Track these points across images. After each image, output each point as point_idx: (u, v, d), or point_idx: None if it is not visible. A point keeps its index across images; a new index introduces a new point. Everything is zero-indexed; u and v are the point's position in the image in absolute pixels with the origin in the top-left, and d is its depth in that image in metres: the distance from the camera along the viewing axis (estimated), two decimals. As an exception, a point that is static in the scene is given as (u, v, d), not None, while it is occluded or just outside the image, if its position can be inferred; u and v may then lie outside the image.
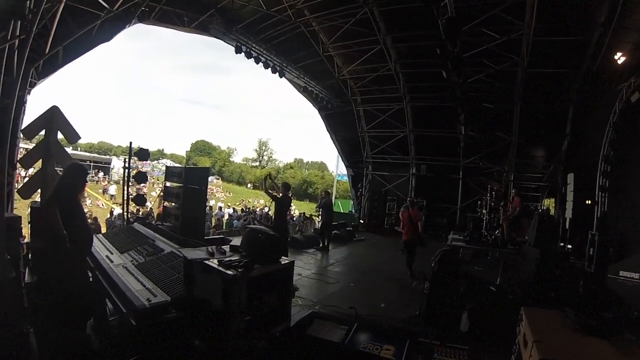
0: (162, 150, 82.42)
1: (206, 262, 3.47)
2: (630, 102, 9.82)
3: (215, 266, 3.38)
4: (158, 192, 28.32)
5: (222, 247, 4.05)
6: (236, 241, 4.27)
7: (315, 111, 19.54)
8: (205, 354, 3.34)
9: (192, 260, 3.59)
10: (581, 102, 13.33)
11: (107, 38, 9.29)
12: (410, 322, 5.49)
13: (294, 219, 23.45)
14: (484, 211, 11.04)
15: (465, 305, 5.37)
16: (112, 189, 30.78)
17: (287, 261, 3.92)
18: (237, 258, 3.60)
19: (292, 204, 8.75)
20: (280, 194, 8.60)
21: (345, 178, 27.96)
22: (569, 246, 11.10)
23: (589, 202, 11.72)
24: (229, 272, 3.26)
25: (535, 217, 7.16)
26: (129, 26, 9.68)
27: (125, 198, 7.95)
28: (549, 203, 16.55)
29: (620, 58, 9.91)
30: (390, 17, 12.66)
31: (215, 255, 3.75)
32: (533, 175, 16.24)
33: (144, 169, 8.72)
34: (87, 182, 4.17)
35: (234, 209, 25.86)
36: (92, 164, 41.27)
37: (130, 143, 7.87)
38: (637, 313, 4.30)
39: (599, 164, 11.38)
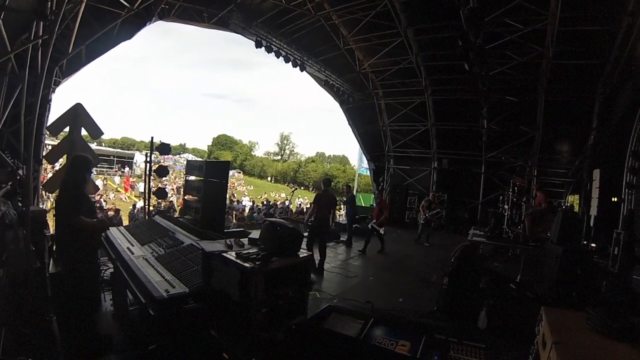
0: (184, 144, 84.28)
1: (224, 254, 3.51)
2: None
3: (233, 259, 3.41)
4: (179, 185, 28.88)
5: (241, 240, 4.08)
6: (255, 234, 4.30)
7: (337, 105, 19.51)
8: (222, 345, 3.40)
9: (210, 252, 3.63)
10: (608, 95, 12.89)
11: (129, 36, 9.46)
12: (427, 318, 5.47)
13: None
14: (506, 207, 10.86)
15: (484, 301, 5.31)
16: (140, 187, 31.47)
17: (305, 254, 3.94)
18: (255, 251, 3.63)
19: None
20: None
21: (367, 172, 27.90)
22: (593, 245, 10.81)
23: (615, 199, 11.38)
24: (246, 264, 3.29)
25: (559, 214, 7.00)
26: (149, 24, 9.84)
27: (146, 191, 8.14)
28: (573, 200, 16.16)
29: None
30: (411, 9, 12.56)
31: (233, 248, 3.78)
32: (557, 171, 15.86)
33: (165, 164, 8.89)
34: (92, 173, 4.26)
35: (254, 202, 26.17)
36: (115, 158, 42.33)
37: (152, 138, 8.06)
38: None
39: (626, 160, 11.03)
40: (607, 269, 8.55)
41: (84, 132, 6.78)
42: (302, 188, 63.65)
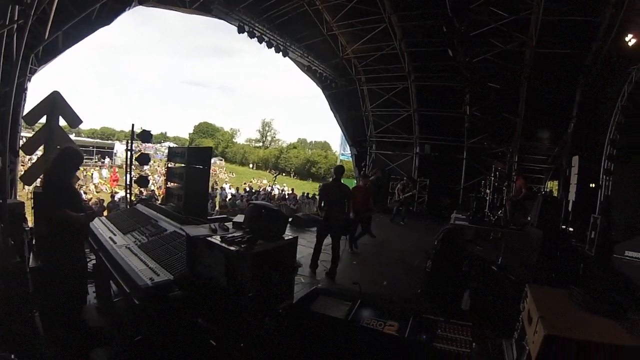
0: (165, 133, 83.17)
1: (209, 238, 3.47)
2: None
3: (218, 242, 3.38)
4: (161, 174, 28.51)
5: (225, 224, 4.04)
6: (240, 218, 4.26)
7: (319, 91, 19.39)
8: (209, 332, 3.38)
9: (194, 237, 3.59)
10: (589, 84, 13.10)
11: (107, 22, 9.11)
12: (412, 300, 5.53)
13: (297, 198, 23.62)
14: (488, 191, 11.02)
15: (467, 284, 5.39)
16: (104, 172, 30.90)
17: (290, 237, 3.92)
18: (240, 234, 3.59)
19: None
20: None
21: (349, 157, 27.94)
22: (571, 229, 11.08)
23: (593, 185, 11.67)
24: (232, 248, 3.26)
25: (539, 199, 7.15)
26: (129, 9, 9.52)
27: (128, 179, 7.99)
28: (552, 185, 16.49)
29: (631, 40, 9.67)
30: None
31: (217, 232, 3.73)
32: (538, 157, 16.08)
33: (146, 152, 8.72)
34: (79, 166, 4.12)
35: (237, 189, 26.03)
36: (95, 149, 41.50)
37: (133, 125, 7.87)
38: None
39: (604, 148, 11.28)
40: (584, 252, 8.79)
41: (62, 121, 6.54)
42: (283, 174, 63.62)
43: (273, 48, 13.52)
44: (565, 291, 2.89)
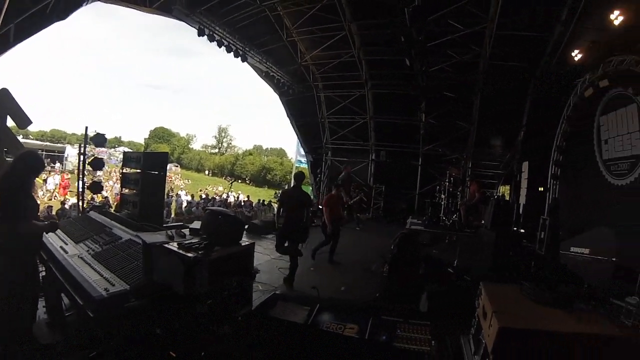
0: (120, 137, 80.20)
1: (166, 245, 3.39)
2: (584, 97, 10.32)
3: (175, 249, 3.31)
4: (115, 180, 27.46)
5: (182, 230, 3.96)
6: (197, 224, 4.17)
7: (276, 97, 19.39)
8: (169, 343, 3.28)
9: (151, 244, 3.49)
10: (538, 95, 13.86)
11: (63, 16, 8.64)
12: (370, 304, 5.59)
13: (253, 205, 23.42)
14: (443, 196, 11.33)
15: (424, 286, 5.51)
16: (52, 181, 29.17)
17: (247, 243, 3.89)
18: (197, 240, 3.53)
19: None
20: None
21: (304, 164, 28.00)
22: (522, 230, 11.59)
23: (542, 189, 12.30)
24: (189, 254, 3.20)
25: (492, 202, 7.43)
26: (87, 4, 9.15)
27: (80, 186, 7.62)
28: (504, 190, 17.20)
29: (577, 55, 10.38)
30: (356, 3, 12.67)
31: (174, 239, 3.65)
32: (490, 163, 16.78)
33: (100, 157, 8.24)
34: (40, 173, 3.88)
35: (192, 196, 25.57)
36: (44, 152, 39.42)
37: (86, 128, 7.54)
38: (587, 285, 4.62)
39: (552, 154, 11.92)
40: (535, 251, 9.19)
41: (9, 122, 6.20)
42: (239, 181, 63.01)
43: (232, 52, 13.37)
44: (517, 286, 3.05)
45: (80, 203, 7.77)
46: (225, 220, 3.69)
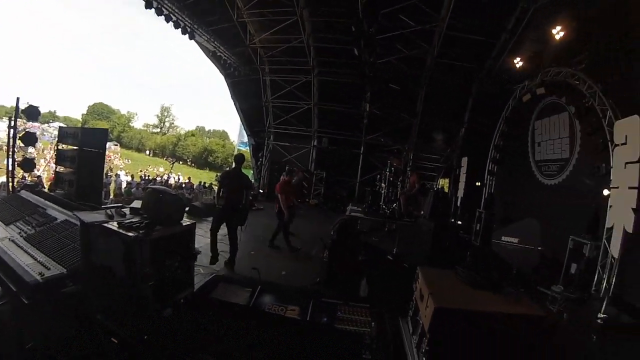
0: (54, 112, 74.49)
1: (105, 225, 3.27)
2: (522, 101, 11.07)
3: (115, 228, 3.21)
4: (48, 158, 25.79)
5: (122, 209, 3.84)
6: (137, 204, 4.04)
7: (221, 78, 19.03)
8: (110, 329, 3.18)
9: (89, 223, 3.34)
10: (480, 96, 14.60)
11: None
12: (310, 289, 5.69)
13: (194, 187, 22.98)
14: (383, 185, 11.63)
15: (363, 272, 5.68)
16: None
17: (188, 223, 3.84)
18: (138, 220, 3.43)
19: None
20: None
21: (246, 147, 27.74)
22: (459, 222, 12.22)
23: (479, 183, 13.02)
24: (129, 234, 3.11)
25: (431, 194, 7.76)
26: None
27: (10, 163, 7.06)
28: (443, 183, 18.01)
29: (519, 62, 11.18)
30: (310, -11, 12.62)
31: (114, 218, 3.51)
32: (431, 157, 17.53)
33: (32, 131, 7.58)
34: None
35: (132, 176, 24.64)
36: (-34, 126, 36.12)
37: (18, 99, 6.96)
38: (515, 271, 5.04)
39: (489, 152, 12.64)
40: (470, 242, 9.74)
41: None
42: (180, 163, 61.44)
43: (180, 29, 12.90)
44: (452, 271, 3.27)
45: (10, 182, 7.17)
46: (167, 199, 3.60)
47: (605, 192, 7.04)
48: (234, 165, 7.15)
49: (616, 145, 6.71)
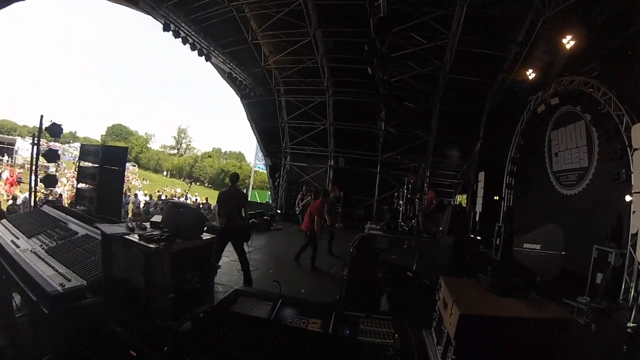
0: (75, 132, 76.67)
1: (126, 236, 3.29)
2: (537, 112, 11.05)
3: (136, 240, 3.22)
4: (69, 177, 26.19)
5: (143, 223, 3.86)
6: (157, 218, 4.07)
7: (237, 100, 19.37)
8: (128, 341, 3.16)
9: (110, 235, 3.37)
10: (494, 109, 14.56)
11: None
12: (331, 305, 5.60)
13: (211, 207, 23.05)
14: (401, 202, 11.57)
15: (384, 289, 5.59)
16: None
17: (208, 237, 3.84)
18: (158, 232, 3.45)
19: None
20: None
21: (263, 169, 27.86)
22: (478, 237, 12.05)
23: (497, 197, 12.86)
24: (150, 245, 3.12)
25: (449, 209, 7.68)
26: None
27: (32, 178, 7.21)
28: (461, 199, 17.82)
29: (531, 74, 11.35)
30: (323, 10, 12.91)
31: (135, 231, 3.54)
32: (447, 173, 17.48)
33: (54, 148, 7.73)
34: None
35: (150, 196, 24.93)
36: (-10, 144, 36.95)
37: (41, 117, 7.14)
38: (539, 278, 4.95)
39: (506, 165, 12.51)
40: (491, 257, 9.57)
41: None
42: (197, 183, 62.24)
43: (196, 51, 13.20)
44: (475, 280, 3.21)
45: (33, 195, 7.30)
46: (187, 212, 3.64)
47: (628, 198, 6.91)
48: (230, 185, 7.40)
49: (635, 149, 6.63)
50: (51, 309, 2.94)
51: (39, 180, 7.13)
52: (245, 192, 7.25)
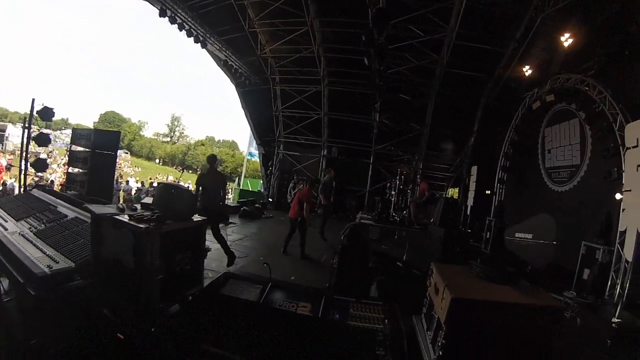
0: (67, 119, 75.85)
1: (116, 217, 3.27)
2: (532, 109, 11.08)
3: (126, 220, 3.20)
4: (60, 163, 25.89)
5: (134, 205, 3.83)
6: (148, 200, 4.05)
7: (231, 89, 19.21)
8: (116, 324, 3.13)
9: (100, 215, 3.34)
10: (489, 105, 14.58)
11: None
12: (320, 290, 5.62)
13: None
14: (393, 193, 11.58)
15: (374, 277, 5.61)
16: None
17: (199, 219, 3.82)
18: (149, 213, 3.43)
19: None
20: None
21: (255, 157, 27.74)
22: (469, 231, 12.14)
23: (488, 192, 12.94)
24: (140, 225, 3.10)
25: (441, 201, 7.71)
26: None
27: (22, 161, 7.09)
28: (453, 192, 17.89)
29: (528, 71, 11.33)
30: (321, 0, 12.83)
31: (125, 211, 3.51)
32: (440, 166, 17.49)
33: (46, 132, 7.54)
34: None
35: (142, 183, 24.72)
36: (-20, 131, 36.38)
37: (33, 100, 7.01)
38: (530, 267, 5.00)
39: (499, 160, 12.57)
40: (480, 250, 9.64)
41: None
42: (190, 171, 61.97)
43: (192, 38, 13.05)
44: (466, 267, 3.24)
45: (23, 179, 7.17)
46: (178, 194, 3.61)
47: (618, 196, 6.98)
48: (207, 166, 7.46)
49: (627, 148, 6.66)
50: (38, 291, 2.91)
51: (29, 165, 7.05)
52: (223, 174, 7.17)
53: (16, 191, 9.32)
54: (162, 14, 11.43)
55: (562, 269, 7.64)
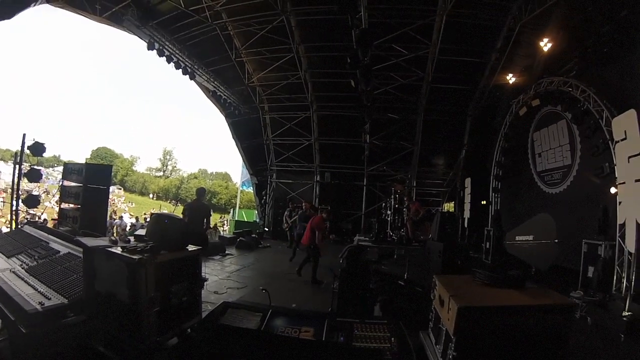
0: (59, 156, 75.22)
1: (109, 249, 3.18)
2: (519, 115, 11.23)
3: (119, 252, 3.11)
4: (52, 201, 25.63)
5: (127, 237, 3.75)
6: (141, 232, 3.97)
7: (222, 120, 19.29)
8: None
9: (93, 247, 3.25)
10: (477, 116, 14.77)
11: (8, 15, 7.91)
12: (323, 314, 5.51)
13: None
14: (389, 212, 11.53)
15: (376, 298, 5.52)
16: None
17: (194, 249, 3.74)
18: (142, 244, 3.34)
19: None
20: None
21: (249, 189, 27.68)
22: (468, 243, 12.11)
23: (484, 202, 12.97)
24: (134, 256, 3.01)
25: (437, 215, 7.67)
26: (35, 5, 8.56)
27: (14, 196, 6.94)
28: (448, 206, 17.89)
29: (512, 78, 11.68)
30: (305, 26, 13.07)
31: (118, 244, 3.43)
32: (434, 182, 17.59)
33: (37, 167, 7.42)
34: None
35: (136, 218, 24.56)
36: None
37: (24, 135, 6.96)
38: (534, 269, 4.97)
39: (492, 169, 12.63)
40: (481, 261, 9.57)
41: None
42: (184, 205, 61.60)
43: (181, 70, 13.12)
44: (469, 276, 3.20)
45: (15, 214, 7.00)
46: (172, 224, 3.53)
47: (613, 190, 7.11)
48: (195, 198, 8.18)
49: (617, 142, 6.81)
50: (29, 328, 2.80)
51: (20, 201, 6.93)
52: (208, 205, 7.88)
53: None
54: (151, 47, 11.49)
55: (565, 270, 7.77)
